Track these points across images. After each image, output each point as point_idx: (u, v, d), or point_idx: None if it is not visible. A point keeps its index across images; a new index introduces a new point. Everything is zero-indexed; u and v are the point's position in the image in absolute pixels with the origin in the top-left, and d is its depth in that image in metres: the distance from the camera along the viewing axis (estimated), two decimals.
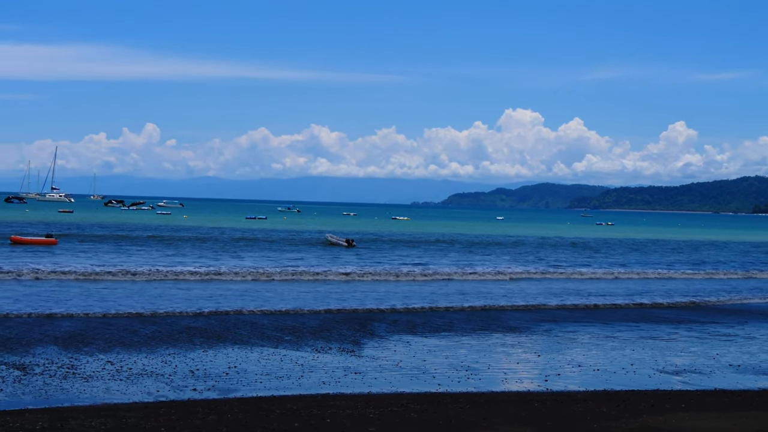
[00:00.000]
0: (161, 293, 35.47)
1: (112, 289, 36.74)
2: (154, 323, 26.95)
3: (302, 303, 33.65)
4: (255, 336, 25.09)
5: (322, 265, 51.89)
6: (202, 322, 27.65)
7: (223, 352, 22.31)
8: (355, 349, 23.44)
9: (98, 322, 26.86)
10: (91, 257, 52.56)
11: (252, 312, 30.45)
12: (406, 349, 23.74)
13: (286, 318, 29.38)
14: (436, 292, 40.10)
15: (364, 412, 15.56)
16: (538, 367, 21.93)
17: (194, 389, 17.86)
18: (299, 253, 64.29)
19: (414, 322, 29.28)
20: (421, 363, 21.78)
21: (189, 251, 61.15)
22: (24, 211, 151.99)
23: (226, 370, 20.03)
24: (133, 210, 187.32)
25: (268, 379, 19.22)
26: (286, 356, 22.08)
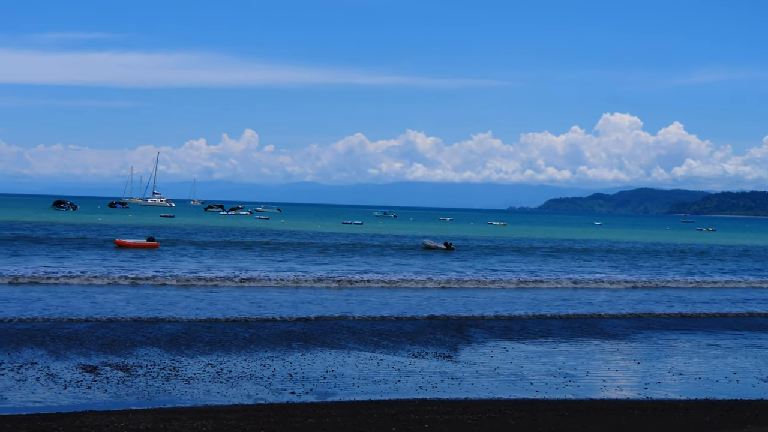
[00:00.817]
0: (262, 298, 35.91)
1: (214, 293, 37.31)
2: (254, 327, 27.26)
3: (400, 309, 33.72)
4: (352, 340, 25.21)
5: (422, 271, 51.87)
6: (299, 326, 27.89)
7: (321, 356, 22.46)
8: (452, 355, 23.38)
9: (199, 325, 27.29)
10: (193, 261, 53.47)
11: (350, 317, 30.57)
12: (503, 355, 23.60)
13: (383, 323, 29.45)
14: (537, 298, 39.79)
15: (462, 418, 15.51)
16: (637, 374, 21.58)
17: (292, 392, 18.03)
18: (398, 257, 64.38)
19: (511, 328, 29.09)
20: (519, 369, 21.62)
21: (288, 256, 61.71)
22: (127, 216, 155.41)
23: (323, 374, 20.17)
24: (232, 215, 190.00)
25: (365, 383, 19.29)
26: (383, 361, 22.14)
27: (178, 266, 48.85)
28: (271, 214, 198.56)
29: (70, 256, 53.89)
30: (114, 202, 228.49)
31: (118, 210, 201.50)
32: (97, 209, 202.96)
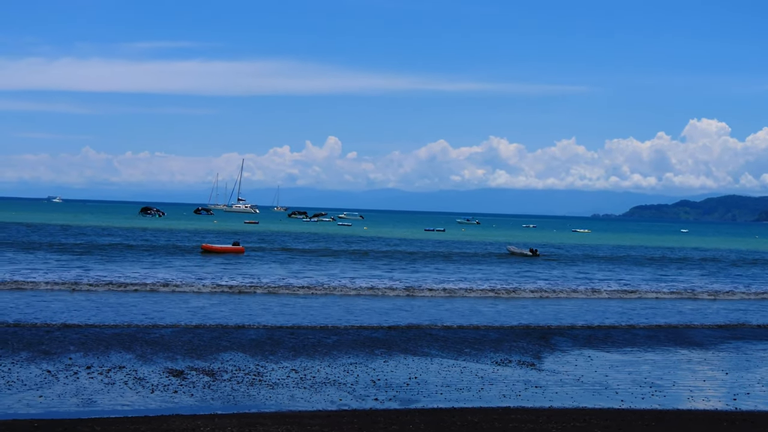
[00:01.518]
0: (349, 305, 36.11)
1: (300, 300, 37.65)
2: (337, 334, 27.39)
3: (488, 317, 33.64)
4: (436, 348, 25.17)
5: (509, 278, 51.65)
6: (382, 333, 27.93)
7: (404, 363, 22.48)
8: (536, 363, 23.21)
9: (283, 331, 27.50)
10: (280, 268, 53.98)
11: (436, 326, 30.54)
12: (587, 364, 23.35)
13: (467, 331, 29.36)
14: (623, 306, 39.34)
15: (546, 427, 15.39)
16: (725, 385, 21.17)
17: (376, 399, 18.08)
18: (483, 264, 64.23)
19: (596, 337, 28.76)
20: (603, 378, 21.37)
21: (376, 264, 61.90)
22: (212, 222, 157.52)
23: (406, 380, 20.18)
24: (314, 221, 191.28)
25: (448, 390, 19.25)
26: (465, 368, 22.08)
27: (265, 272, 49.41)
28: (353, 221, 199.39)
29: (160, 263, 54.82)
30: (199, 209, 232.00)
31: (203, 216, 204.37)
32: (182, 216, 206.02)
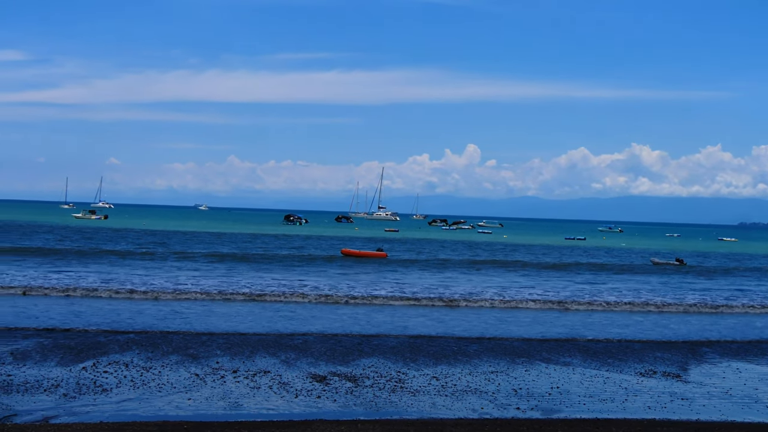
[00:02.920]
0: (489, 315, 35.99)
1: (445, 309, 37.77)
2: (477, 343, 27.31)
3: (631, 329, 33.08)
4: (578, 357, 24.84)
5: (657, 289, 50.64)
6: (523, 343, 27.75)
7: (545, 372, 22.26)
8: (681, 374, 22.66)
9: (424, 340, 27.59)
10: (429, 276, 54.19)
11: (574, 339, 30.20)
12: (736, 377, 22.67)
13: (610, 341, 28.90)
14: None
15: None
16: None
17: (517, 408, 17.96)
18: (626, 274, 63.12)
19: (746, 350, 27.88)
20: (753, 391, 20.72)
21: (524, 273, 61.58)
22: (353, 229, 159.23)
23: (548, 390, 19.99)
24: (454, 229, 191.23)
25: (591, 401, 18.98)
26: (609, 379, 21.72)
27: (412, 281, 49.65)
28: (493, 229, 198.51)
29: (309, 270, 55.70)
30: (340, 217, 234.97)
31: (344, 224, 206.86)
32: (324, 223, 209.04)
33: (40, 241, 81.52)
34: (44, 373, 19.88)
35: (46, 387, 18.30)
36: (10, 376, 19.32)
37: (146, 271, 50.80)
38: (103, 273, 48.08)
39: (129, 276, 46.59)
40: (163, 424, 15.35)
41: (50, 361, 21.35)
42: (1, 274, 44.72)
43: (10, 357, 21.70)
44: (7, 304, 33.52)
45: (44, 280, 42.55)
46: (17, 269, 48.45)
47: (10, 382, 18.60)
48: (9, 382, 18.59)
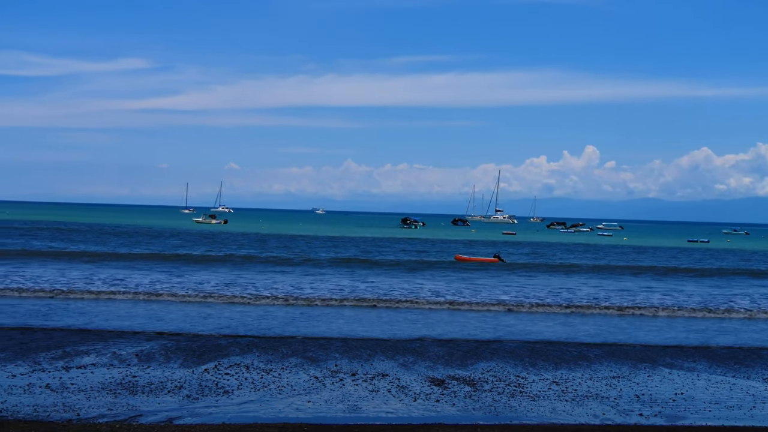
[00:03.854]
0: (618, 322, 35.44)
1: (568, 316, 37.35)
2: (601, 347, 26.86)
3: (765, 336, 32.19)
4: (702, 363, 24.20)
5: None
6: (646, 348, 27.21)
7: (669, 378, 21.74)
8: None
9: (542, 345, 27.31)
10: (555, 280, 53.66)
11: (705, 347, 29.48)
12: None
13: (738, 349, 28.12)
14: None
15: None
16: None
17: (640, 414, 17.58)
18: (758, 279, 61.34)
19: None
20: None
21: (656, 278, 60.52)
22: (470, 232, 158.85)
23: (672, 396, 19.51)
24: (572, 232, 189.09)
25: (717, 408, 18.45)
26: (735, 385, 21.09)
27: (531, 285, 49.27)
28: (613, 232, 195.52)
29: (428, 276, 55.82)
30: (456, 219, 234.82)
31: (460, 227, 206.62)
32: (440, 226, 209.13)
33: (165, 246, 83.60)
34: (168, 374, 20.30)
35: (170, 388, 18.68)
36: (135, 377, 19.79)
37: (270, 275, 51.55)
38: (226, 276, 48.98)
39: (251, 280, 47.33)
40: (283, 426, 15.49)
41: (173, 363, 21.79)
42: (125, 279, 45.95)
43: (135, 359, 22.23)
44: (132, 307, 34.44)
45: (165, 285, 43.56)
46: (142, 274, 49.71)
47: (135, 383, 19.04)
48: (134, 383, 19.03)
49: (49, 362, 21.32)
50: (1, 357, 21.79)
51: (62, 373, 20.02)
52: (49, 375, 19.71)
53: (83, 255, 63.17)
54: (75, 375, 19.80)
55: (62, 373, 19.93)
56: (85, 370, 20.39)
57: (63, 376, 19.58)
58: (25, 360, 21.50)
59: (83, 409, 16.44)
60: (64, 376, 19.67)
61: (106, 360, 21.90)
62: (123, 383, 19.02)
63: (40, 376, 19.59)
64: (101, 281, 43.82)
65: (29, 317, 30.18)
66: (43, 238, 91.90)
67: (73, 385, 18.60)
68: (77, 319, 30.27)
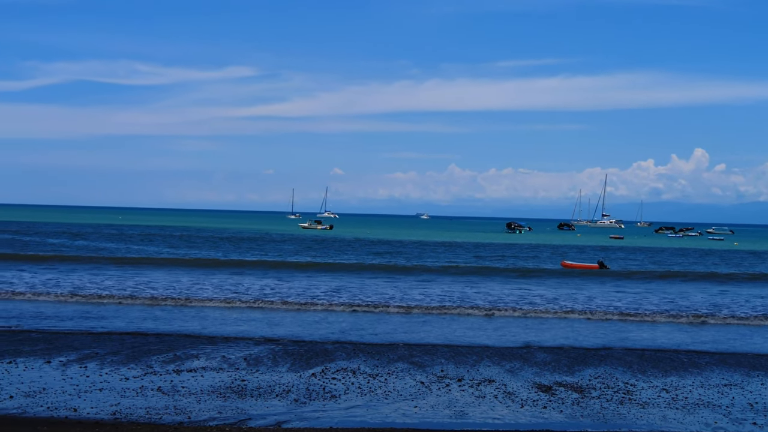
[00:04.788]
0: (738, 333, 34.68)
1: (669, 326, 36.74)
2: (711, 355, 26.27)
3: None
4: None
5: None
6: (761, 357, 26.54)
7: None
8: None
9: (651, 352, 26.86)
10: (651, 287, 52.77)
11: None
12: None
13: None
14: None
15: None
16: None
17: (754, 423, 17.12)
18: None
19: None
20: None
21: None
22: (575, 236, 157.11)
23: None
24: (680, 237, 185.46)
25: None
26: None
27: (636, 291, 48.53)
28: (724, 236, 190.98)
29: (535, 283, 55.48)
30: (562, 224, 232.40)
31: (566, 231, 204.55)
32: (546, 231, 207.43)
33: (274, 252, 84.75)
34: (276, 378, 20.55)
35: (278, 392, 18.90)
36: (244, 381, 20.08)
37: (377, 281, 51.83)
38: (334, 282, 49.45)
39: (360, 287, 47.66)
40: (390, 431, 15.53)
41: (281, 367, 22.05)
42: (236, 285, 46.72)
43: (243, 362, 22.56)
44: (241, 313, 35.02)
45: (274, 291, 44.16)
46: (252, 280, 50.49)
47: (244, 387, 19.32)
48: (243, 387, 19.31)
49: (161, 365, 21.80)
50: (115, 360, 22.37)
51: (173, 376, 20.44)
52: (161, 378, 20.14)
53: (195, 262, 64.35)
54: (186, 378, 20.20)
55: (173, 377, 20.35)
56: (196, 374, 20.78)
57: (174, 379, 19.99)
58: (137, 363, 22.02)
59: (194, 412, 16.75)
60: (175, 379, 20.08)
61: (215, 364, 22.28)
62: (232, 387, 19.32)
63: (152, 379, 20.04)
64: (212, 287, 44.65)
65: (141, 321, 30.93)
66: (158, 244, 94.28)
67: (183, 388, 18.97)
68: (187, 323, 30.89)
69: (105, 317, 32.08)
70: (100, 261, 61.88)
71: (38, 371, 20.64)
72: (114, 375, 20.40)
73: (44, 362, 21.83)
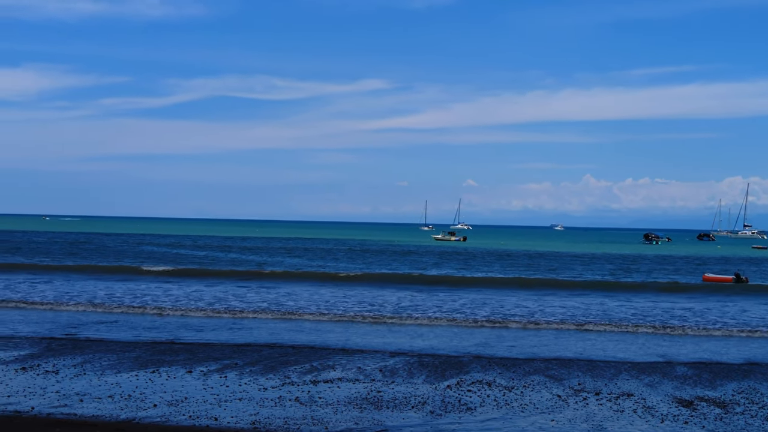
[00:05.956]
0: None
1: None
2: None
3: None
4: None
5: None
6: None
7: None
8: None
9: None
10: None
11: None
12: None
13: None
14: None
15: None
16: None
17: None
18: None
19: None
20: None
21: None
22: (715, 248, 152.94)
23: None
24: None
25: None
26: None
27: None
28: None
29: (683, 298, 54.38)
30: (702, 235, 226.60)
31: (705, 242, 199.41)
32: (685, 241, 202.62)
33: (404, 264, 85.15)
34: (411, 390, 20.59)
35: (414, 404, 18.93)
36: (379, 392, 20.19)
37: (514, 295, 51.59)
38: (472, 294, 49.43)
39: (500, 302, 47.52)
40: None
41: (416, 379, 22.10)
42: (374, 297, 47.11)
43: (379, 374, 22.70)
44: (371, 325, 35.29)
45: (411, 304, 44.37)
46: (390, 292, 50.83)
47: (379, 398, 19.42)
48: (379, 398, 19.42)
49: (298, 376, 22.11)
50: (254, 370, 22.79)
51: (310, 386, 20.71)
52: (298, 389, 20.42)
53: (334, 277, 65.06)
54: (322, 389, 20.43)
55: (310, 387, 20.62)
56: (332, 385, 21.00)
57: (311, 390, 20.24)
58: (275, 374, 22.39)
59: (331, 422, 16.91)
60: (312, 389, 20.33)
61: (351, 375, 22.48)
62: (368, 398, 19.45)
63: (290, 389, 20.34)
64: (353, 300, 45.18)
65: (279, 333, 31.45)
66: (299, 255, 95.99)
67: (320, 399, 19.20)
68: (324, 336, 31.27)
69: (244, 328, 32.76)
70: (242, 275, 63.32)
71: (180, 380, 21.20)
72: (253, 385, 20.79)
73: (186, 372, 22.42)
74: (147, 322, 34.12)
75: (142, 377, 21.57)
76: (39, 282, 52.94)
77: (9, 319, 34.41)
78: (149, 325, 33.37)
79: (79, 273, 61.84)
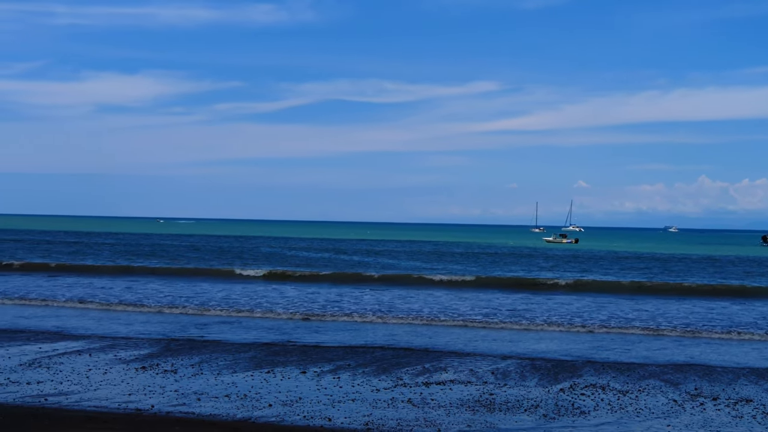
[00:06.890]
0: None
1: None
2: None
3: None
4: None
5: None
6: None
7: None
8: None
9: None
10: None
11: None
12: None
13: None
14: None
15: None
16: None
17: None
18: None
19: None
20: None
21: None
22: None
23: None
24: None
25: None
26: None
27: None
28: None
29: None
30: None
31: None
32: None
33: (521, 266, 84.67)
34: (523, 393, 20.49)
35: (526, 407, 18.83)
36: (492, 395, 20.14)
37: (631, 300, 50.87)
38: (588, 300, 48.90)
39: (618, 307, 46.89)
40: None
41: (529, 382, 21.97)
42: (488, 300, 46.98)
43: (491, 376, 22.65)
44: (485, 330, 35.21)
45: (522, 309, 44.10)
46: (504, 295, 50.63)
47: (492, 401, 19.38)
48: (491, 401, 19.38)
49: (410, 378, 22.20)
50: (366, 372, 22.97)
51: (422, 388, 20.77)
52: (411, 390, 20.51)
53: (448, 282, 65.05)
54: (434, 391, 20.48)
55: (422, 389, 20.68)
56: (444, 387, 21.04)
57: (423, 392, 20.31)
58: (388, 375, 22.53)
59: (443, 424, 16.94)
60: (425, 391, 20.39)
61: (463, 377, 22.48)
62: (480, 400, 19.42)
63: (402, 390, 20.44)
64: (467, 304, 45.18)
65: (392, 336, 31.63)
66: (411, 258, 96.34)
67: (433, 401, 19.24)
68: (434, 339, 31.34)
69: (357, 330, 33.07)
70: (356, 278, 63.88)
71: (294, 381, 21.51)
72: (366, 386, 20.95)
73: (300, 372, 22.73)
74: (256, 324, 34.69)
75: (258, 377, 21.95)
76: (162, 285, 54.39)
77: (132, 320, 35.44)
78: (259, 326, 33.92)
79: (203, 276, 63.42)
